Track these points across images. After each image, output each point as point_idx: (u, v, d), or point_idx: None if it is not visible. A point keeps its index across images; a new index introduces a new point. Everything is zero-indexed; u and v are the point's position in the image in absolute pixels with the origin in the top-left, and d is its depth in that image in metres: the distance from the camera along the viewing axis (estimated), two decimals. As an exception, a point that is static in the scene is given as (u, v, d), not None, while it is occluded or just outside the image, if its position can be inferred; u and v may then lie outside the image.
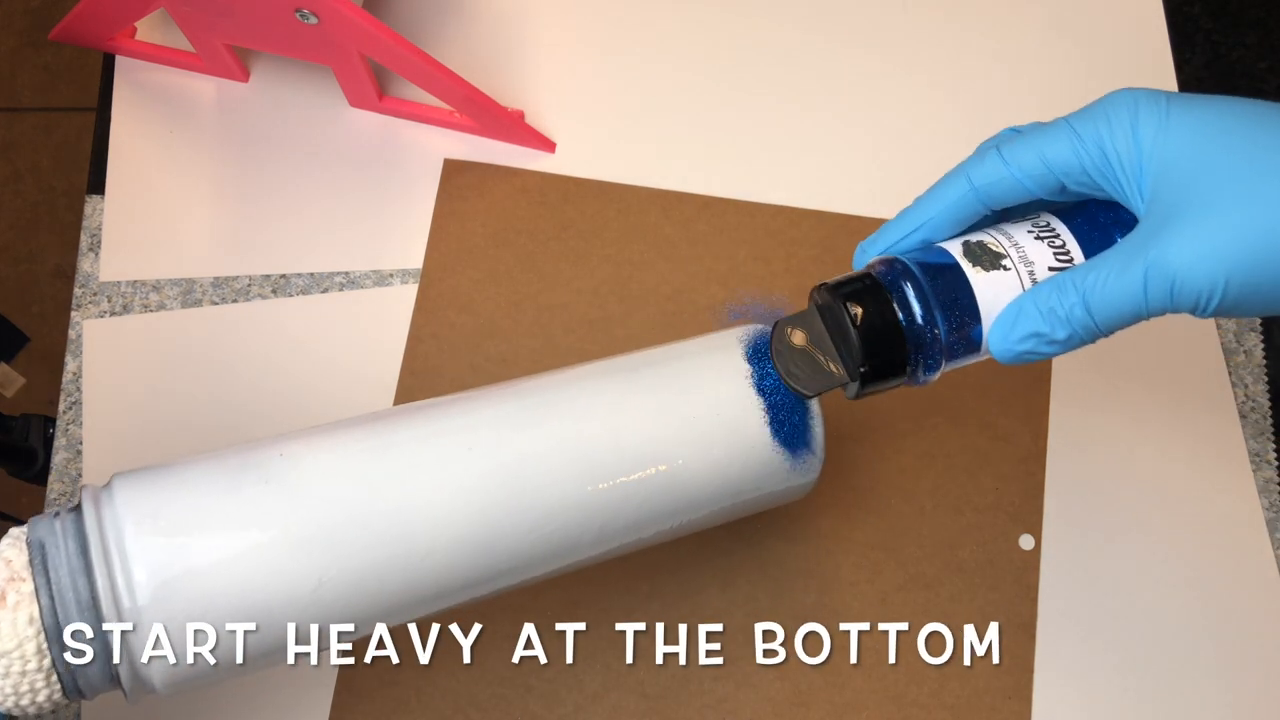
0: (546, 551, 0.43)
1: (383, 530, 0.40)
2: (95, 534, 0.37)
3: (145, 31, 0.66)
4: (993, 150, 0.40)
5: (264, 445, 0.41)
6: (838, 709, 0.54)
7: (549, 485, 0.42)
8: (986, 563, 0.56)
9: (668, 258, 0.61)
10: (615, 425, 0.43)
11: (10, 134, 1.40)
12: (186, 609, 0.37)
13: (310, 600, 0.38)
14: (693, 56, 0.65)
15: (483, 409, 0.44)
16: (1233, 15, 0.66)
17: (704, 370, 0.45)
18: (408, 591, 0.40)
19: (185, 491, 0.39)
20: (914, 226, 0.41)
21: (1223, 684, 0.54)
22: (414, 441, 0.42)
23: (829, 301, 0.40)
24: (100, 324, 0.61)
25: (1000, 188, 0.39)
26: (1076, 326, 0.37)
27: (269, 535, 0.38)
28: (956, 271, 0.39)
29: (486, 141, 0.63)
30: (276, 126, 0.64)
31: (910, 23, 0.66)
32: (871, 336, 0.39)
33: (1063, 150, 0.38)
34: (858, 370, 0.39)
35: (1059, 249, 0.39)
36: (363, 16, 0.54)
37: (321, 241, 0.62)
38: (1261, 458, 0.58)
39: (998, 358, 0.39)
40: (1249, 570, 0.56)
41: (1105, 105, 0.38)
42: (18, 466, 0.76)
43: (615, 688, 0.54)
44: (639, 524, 0.44)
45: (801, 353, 0.42)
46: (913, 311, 0.39)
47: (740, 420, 0.44)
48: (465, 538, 0.41)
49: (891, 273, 0.40)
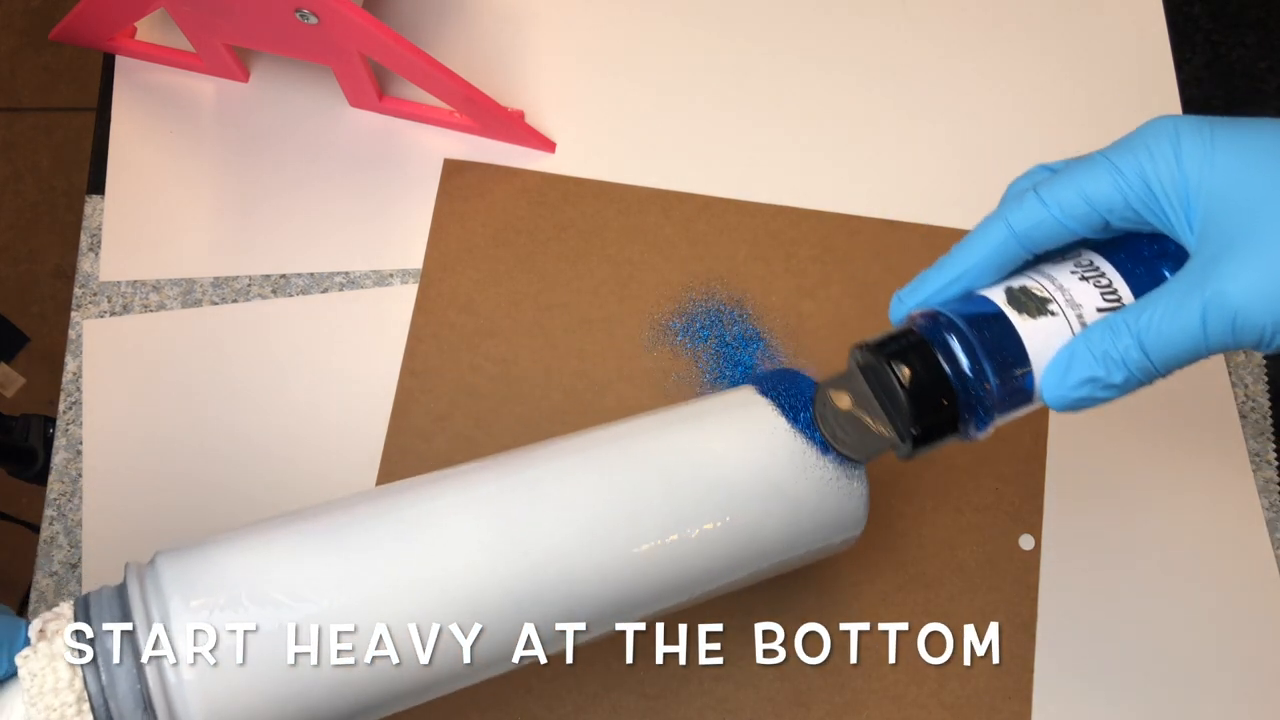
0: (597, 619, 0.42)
1: (426, 610, 0.39)
2: (140, 606, 0.37)
3: (145, 31, 0.66)
4: (1030, 193, 0.38)
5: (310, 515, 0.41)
6: (837, 709, 0.54)
7: (598, 548, 0.41)
8: (986, 563, 0.56)
9: (668, 258, 0.61)
10: (669, 482, 0.42)
11: (10, 134, 1.40)
12: (230, 692, 0.36)
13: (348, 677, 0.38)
14: (693, 57, 0.65)
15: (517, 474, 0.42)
16: (1233, 15, 0.66)
17: (748, 432, 0.43)
18: (451, 673, 0.40)
19: (226, 567, 0.39)
20: (953, 276, 0.39)
21: (1223, 684, 0.54)
22: (452, 511, 0.41)
23: (872, 362, 0.38)
24: (100, 324, 0.61)
25: (1041, 230, 0.38)
26: (1133, 369, 0.36)
27: (299, 611, 0.38)
28: (1002, 321, 0.38)
29: (486, 141, 0.63)
30: (276, 127, 0.64)
31: (910, 24, 0.66)
32: (921, 396, 0.37)
33: (1104, 186, 0.37)
34: (909, 432, 0.38)
35: (1105, 288, 0.38)
36: (363, 16, 0.54)
37: (321, 241, 0.62)
38: (1261, 458, 0.58)
39: (1053, 406, 0.38)
40: (1249, 570, 0.56)
41: (1145, 136, 0.37)
42: (18, 466, 0.76)
43: (615, 688, 0.54)
44: (691, 583, 0.42)
45: (847, 416, 0.40)
46: (961, 366, 0.37)
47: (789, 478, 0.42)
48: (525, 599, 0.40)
49: (935, 327, 0.38)
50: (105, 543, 0.58)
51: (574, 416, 0.58)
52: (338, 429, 0.59)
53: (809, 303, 0.60)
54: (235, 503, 0.58)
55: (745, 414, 0.43)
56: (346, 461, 0.58)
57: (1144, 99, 0.64)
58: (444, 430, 0.58)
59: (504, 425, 0.58)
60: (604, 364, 0.59)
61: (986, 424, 0.38)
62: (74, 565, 0.58)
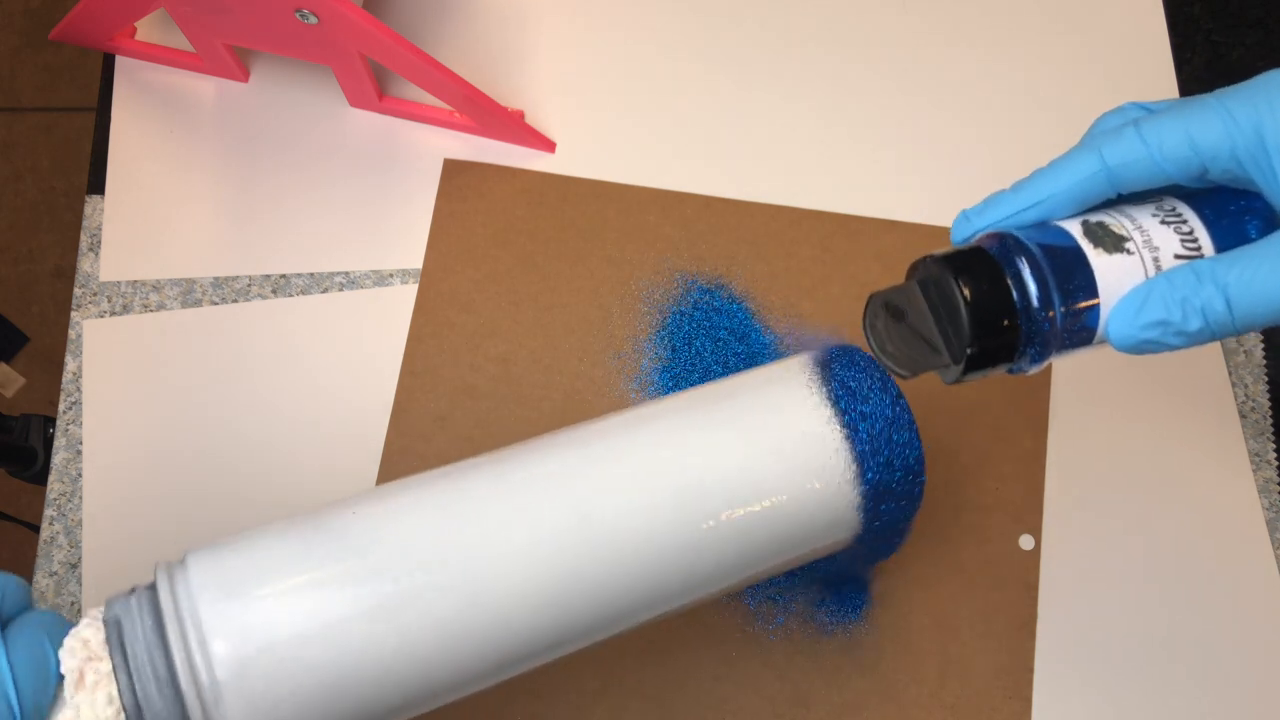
0: (636, 605, 0.40)
1: (467, 591, 0.38)
2: (170, 608, 0.36)
3: (145, 31, 0.66)
4: (1129, 127, 0.36)
5: (335, 508, 0.40)
6: (837, 709, 0.54)
7: (645, 528, 0.39)
8: (986, 563, 0.56)
9: (668, 258, 0.61)
10: (711, 461, 0.41)
11: (10, 134, 1.40)
12: (265, 683, 0.35)
13: (388, 668, 0.37)
14: (693, 56, 0.65)
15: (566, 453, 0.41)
16: (1233, 15, 0.66)
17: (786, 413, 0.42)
18: (498, 653, 0.39)
19: (259, 560, 0.38)
20: (1032, 202, 0.37)
21: (1223, 684, 0.54)
22: (495, 498, 0.40)
23: (936, 275, 0.37)
24: (100, 324, 0.61)
25: (1135, 170, 0.36)
26: (1211, 320, 0.35)
27: (345, 597, 0.37)
28: (1077, 253, 0.36)
29: (486, 141, 0.63)
30: (276, 126, 0.64)
31: (909, 25, 0.66)
32: (983, 315, 0.35)
33: (1213, 131, 0.35)
34: (963, 352, 0.36)
35: (1187, 235, 0.36)
36: (363, 16, 0.54)
37: (321, 241, 0.62)
38: (1261, 458, 0.58)
39: (1117, 345, 0.36)
40: (1249, 570, 0.56)
41: (1267, 84, 0.35)
42: (18, 466, 0.76)
43: (615, 688, 0.54)
44: (736, 567, 0.41)
45: (900, 329, 0.39)
46: (1028, 290, 0.36)
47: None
48: (553, 594, 0.39)
49: (1005, 249, 0.36)
50: (105, 543, 0.58)
51: (574, 416, 0.58)
52: (338, 429, 0.59)
53: (809, 303, 0.60)
54: (235, 503, 0.58)
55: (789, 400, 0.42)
56: (346, 461, 0.58)
57: (1143, 99, 0.63)
58: (444, 430, 0.58)
59: (504, 425, 0.58)
60: (604, 364, 0.59)
61: (1041, 358, 0.37)
62: (74, 565, 0.58)
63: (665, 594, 0.40)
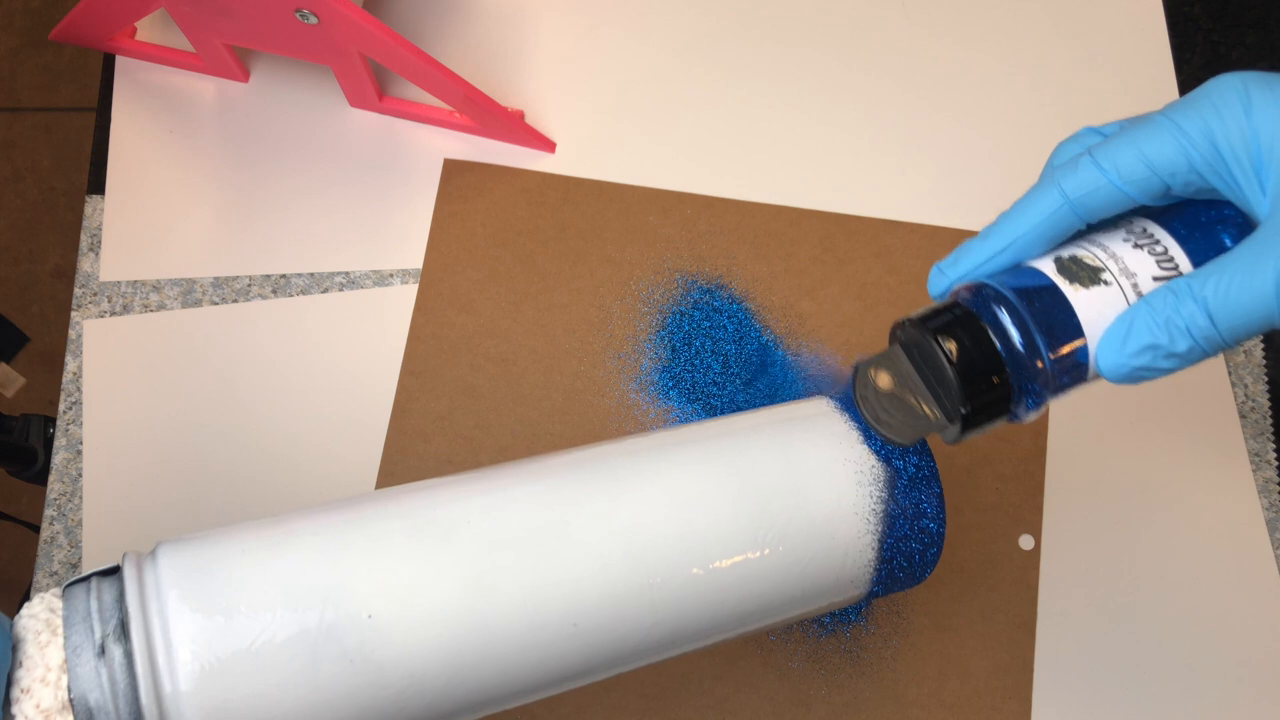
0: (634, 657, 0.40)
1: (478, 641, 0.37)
2: (137, 605, 0.34)
3: (145, 31, 0.66)
4: (1085, 157, 0.36)
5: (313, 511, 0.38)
6: (837, 709, 0.54)
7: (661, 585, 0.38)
8: (986, 563, 0.56)
9: (668, 258, 0.61)
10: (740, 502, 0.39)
11: (10, 134, 1.40)
12: (226, 697, 0.34)
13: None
14: (693, 57, 0.65)
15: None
16: (1233, 15, 0.66)
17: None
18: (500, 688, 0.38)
19: (231, 570, 0.36)
20: (1001, 246, 0.37)
21: (1222, 684, 0.54)
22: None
23: (916, 338, 0.36)
24: (100, 324, 0.61)
25: (1097, 198, 0.36)
26: (1198, 337, 0.34)
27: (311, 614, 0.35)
28: (1054, 292, 0.35)
29: (486, 141, 0.63)
30: (276, 126, 0.64)
31: (910, 25, 0.66)
32: (971, 373, 0.35)
33: (1166, 148, 0.34)
34: (958, 412, 0.35)
35: (1161, 255, 0.36)
36: (363, 16, 0.54)
37: (321, 241, 0.62)
38: (1261, 458, 0.58)
39: (1110, 377, 0.36)
40: (1249, 570, 0.56)
41: (1210, 94, 0.34)
42: (18, 466, 0.76)
43: (615, 688, 0.54)
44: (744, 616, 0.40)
45: (890, 397, 0.38)
46: (1011, 341, 0.35)
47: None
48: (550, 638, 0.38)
49: (982, 300, 0.36)
50: (105, 543, 0.58)
51: (574, 416, 0.58)
52: (338, 429, 0.59)
53: (809, 303, 0.60)
54: (235, 502, 0.58)
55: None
56: (347, 461, 0.58)
57: (1143, 99, 0.64)
58: (444, 430, 0.58)
59: (504, 425, 0.58)
60: (604, 364, 0.59)
61: (1038, 403, 0.36)
62: (74, 565, 0.58)
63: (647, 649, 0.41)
